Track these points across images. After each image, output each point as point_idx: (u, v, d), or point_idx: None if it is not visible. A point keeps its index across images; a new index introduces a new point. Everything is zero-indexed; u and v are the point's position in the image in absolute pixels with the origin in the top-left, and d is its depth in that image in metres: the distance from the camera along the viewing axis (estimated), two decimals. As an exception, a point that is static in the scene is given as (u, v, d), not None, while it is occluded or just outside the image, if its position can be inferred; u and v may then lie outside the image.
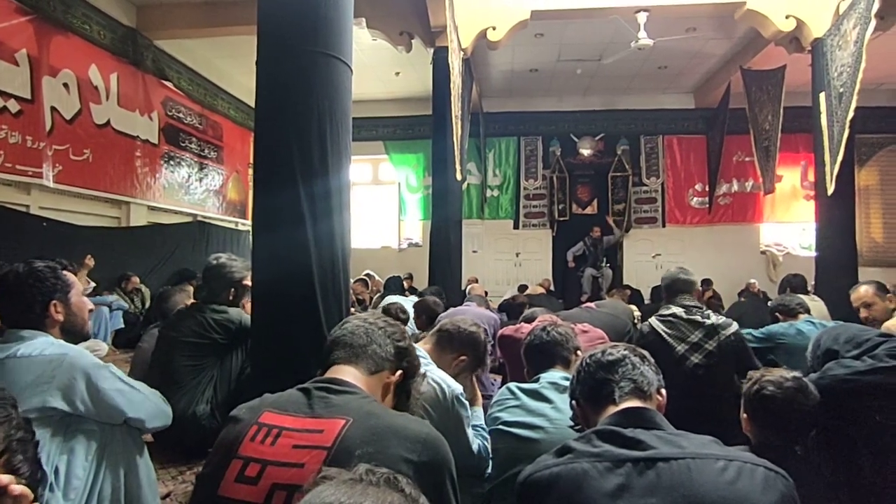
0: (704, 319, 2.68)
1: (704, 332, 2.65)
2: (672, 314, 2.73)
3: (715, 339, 2.64)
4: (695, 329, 2.66)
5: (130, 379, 1.59)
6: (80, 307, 1.63)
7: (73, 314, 1.60)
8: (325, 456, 0.95)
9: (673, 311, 2.74)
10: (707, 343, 2.64)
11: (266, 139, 2.02)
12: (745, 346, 2.78)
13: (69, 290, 1.59)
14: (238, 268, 2.65)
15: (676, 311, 2.74)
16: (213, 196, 8.52)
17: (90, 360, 1.50)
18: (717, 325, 2.67)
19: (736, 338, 2.69)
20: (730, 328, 2.67)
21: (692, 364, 2.63)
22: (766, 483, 0.98)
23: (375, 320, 1.30)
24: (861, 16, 4.74)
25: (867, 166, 9.16)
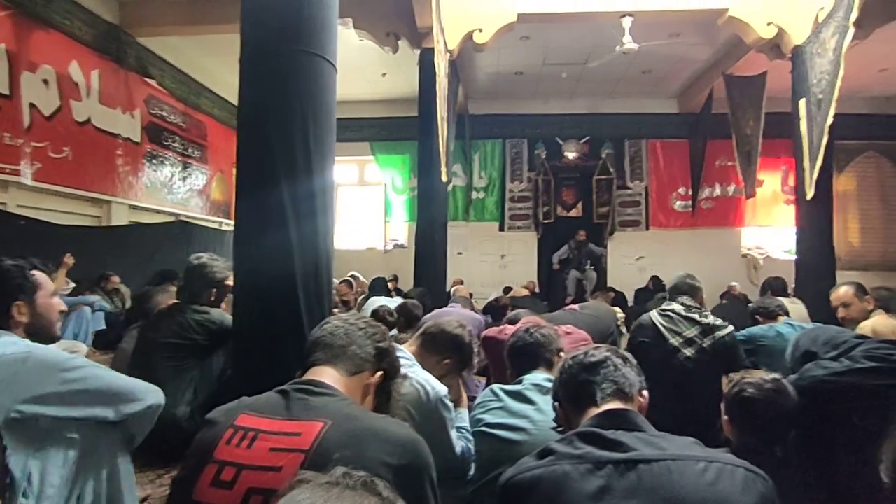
0: (702, 318, 2.77)
1: (700, 330, 2.73)
2: (672, 310, 2.83)
3: (710, 338, 2.71)
4: (691, 326, 2.75)
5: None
6: (48, 309, 1.55)
7: (39, 316, 1.52)
8: (303, 459, 0.93)
9: (673, 307, 2.84)
10: (701, 340, 2.72)
11: (249, 139, 2.00)
12: (737, 348, 2.86)
13: (36, 290, 1.53)
14: (220, 268, 2.62)
15: (676, 308, 2.83)
16: (196, 196, 8.42)
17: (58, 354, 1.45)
18: (714, 324, 2.75)
19: (730, 339, 2.77)
20: (726, 329, 2.75)
21: (683, 357, 2.69)
22: (745, 484, 0.99)
23: (356, 321, 1.28)
24: (839, 24, 4.83)
25: (845, 172, 9.33)
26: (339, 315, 1.36)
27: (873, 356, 1.84)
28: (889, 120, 9.28)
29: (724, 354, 2.72)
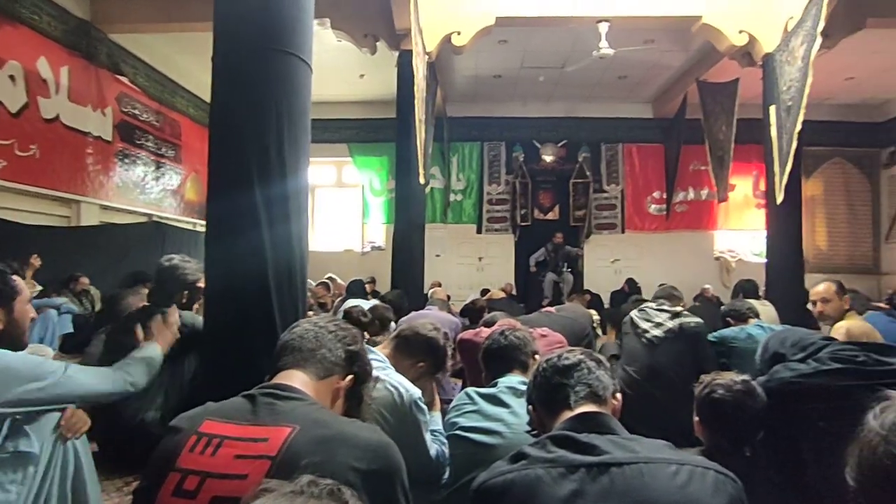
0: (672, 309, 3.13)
1: (669, 316, 3.09)
2: (647, 305, 3.24)
3: (677, 322, 3.05)
4: (662, 314, 3.11)
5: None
6: (23, 316, 1.52)
7: (14, 323, 1.49)
8: (270, 466, 0.91)
9: (648, 304, 3.26)
10: (669, 322, 3.06)
11: (221, 138, 1.97)
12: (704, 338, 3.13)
13: (15, 297, 1.49)
14: (192, 270, 2.57)
15: (651, 304, 3.24)
16: (170, 196, 8.27)
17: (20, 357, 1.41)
18: (682, 313, 3.11)
19: (697, 326, 3.09)
20: (693, 318, 3.11)
21: (652, 336, 3.06)
22: (716, 486, 1.00)
23: (326, 324, 1.25)
24: (808, 33, 4.95)
25: (813, 177, 9.58)
26: (310, 318, 1.34)
27: (839, 357, 1.88)
28: (855, 127, 9.56)
29: (691, 338, 3.03)
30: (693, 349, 3.02)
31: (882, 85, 8.54)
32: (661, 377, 2.98)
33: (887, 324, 3.53)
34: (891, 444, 0.55)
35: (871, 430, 0.58)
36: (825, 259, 9.59)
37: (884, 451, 0.56)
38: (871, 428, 0.59)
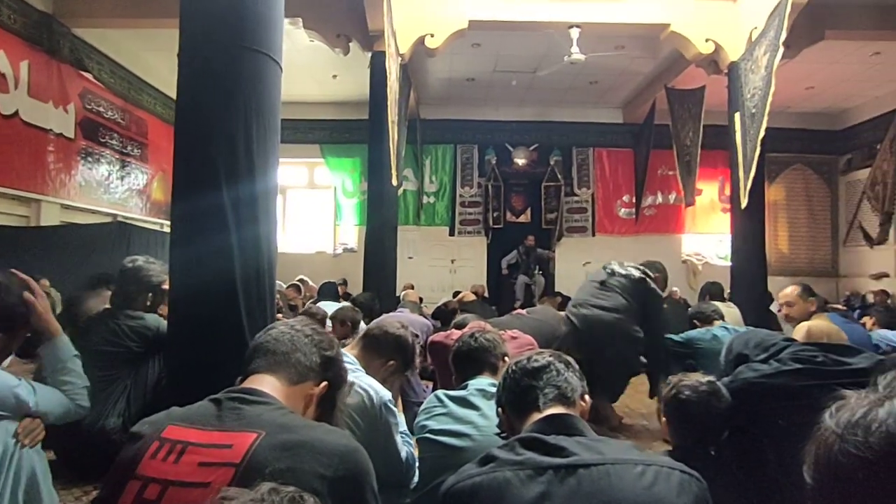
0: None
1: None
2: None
3: (628, 277, 3.69)
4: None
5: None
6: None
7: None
8: (234, 473, 0.88)
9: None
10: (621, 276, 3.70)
11: (187, 137, 1.92)
12: (656, 296, 3.40)
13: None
14: (156, 271, 2.51)
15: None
16: (135, 196, 8.05)
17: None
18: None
19: (647, 281, 3.57)
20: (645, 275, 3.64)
21: (602, 280, 3.78)
22: (681, 486, 1.02)
23: (302, 327, 1.22)
24: (771, 43, 5.11)
25: (775, 183, 9.85)
26: (286, 320, 1.30)
27: (799, 358, 1.93)
28: (815, 135, 9.88)
29: (640, 292, 3.62)
30: (643, 301, 3.59)
31: (840, 95, 8.85)
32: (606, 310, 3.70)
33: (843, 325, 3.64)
34: (846, 442, 0.56)
35: (828, 428, 0.59)
36: (787, 262, 9.88)
37: (839, 448, 0.56)
38: (827, 427, 0.59)
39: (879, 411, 0.56)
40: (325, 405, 1.19)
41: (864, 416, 0.56)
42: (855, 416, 0.57)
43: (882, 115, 8.71)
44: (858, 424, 0.56)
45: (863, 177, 9.10)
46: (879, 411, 0.56)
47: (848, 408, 0.59)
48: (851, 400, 0.60)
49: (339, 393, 1.23)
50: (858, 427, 0.56)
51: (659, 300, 3.89)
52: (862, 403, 0.58)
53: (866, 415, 0.56)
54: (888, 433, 0.54)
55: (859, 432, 0.56)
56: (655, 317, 3.80)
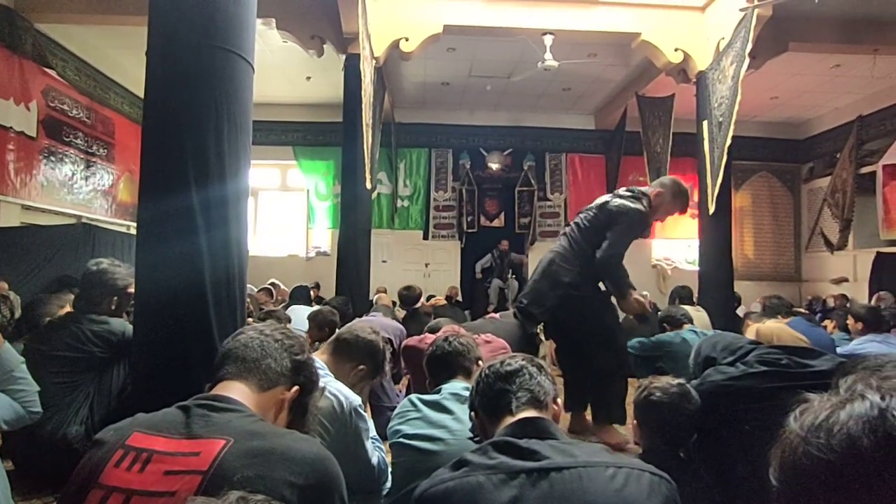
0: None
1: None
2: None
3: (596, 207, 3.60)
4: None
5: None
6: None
7: None
8: (200, 482, 0.86)
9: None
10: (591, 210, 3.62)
11: (155, 137, 1.88)
12: (622, 213, 3.48)
13: None
14: (122, 275, 2.44)
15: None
16: (101, 197, 7.83)
17: None
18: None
19: (608, 203, 3.55)
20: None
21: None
22: (651, 488, 1.03)
23: (272, 332, 1.20)
24: (737, 54, 5.25)
25: (741, 190, 10.11)
26: (255, 325, 1.28)
27: (765, 361, 1.98)
28: (779, 143, 10.18)
29: (596, 216, 3.54)
30: (608, 222, 3.50)
31: (803, 105, 9.15)
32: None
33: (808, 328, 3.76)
34: (809, 444, 0.57)
35: (792, 431, 0.60)
36: (753, 267, 10.13)
37: (803, 451, 0.58)
38: (791, 429, 0.60)
39: (841, 414, 0.57)
40: (296, 410, 1.17)
41: (826, 419, 0.58)
42: (818, 419, 0.58)
43: (841, 125, 9.02)
44: (821, 427, 0.57)
45: (824, 185, 9.40)
46: (841, 414, 0.57)
47: (811, 411, 0.60)
48: (815, 403, 0.61)
49: (310, 397, 1.21)
50: (821, 430, 0.57)
51: (624, 217, 3.40)
52: (824, 406, 0.59)
53: (828, 417, 0.57)
54: (849, 435, 0.55)
55: (822, 435, 0.57)
56: (612, 234, 3.43)
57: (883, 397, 0.56)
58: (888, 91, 7.97)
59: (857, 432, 0.54)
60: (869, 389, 0.58)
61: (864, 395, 0.57)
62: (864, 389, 0.58)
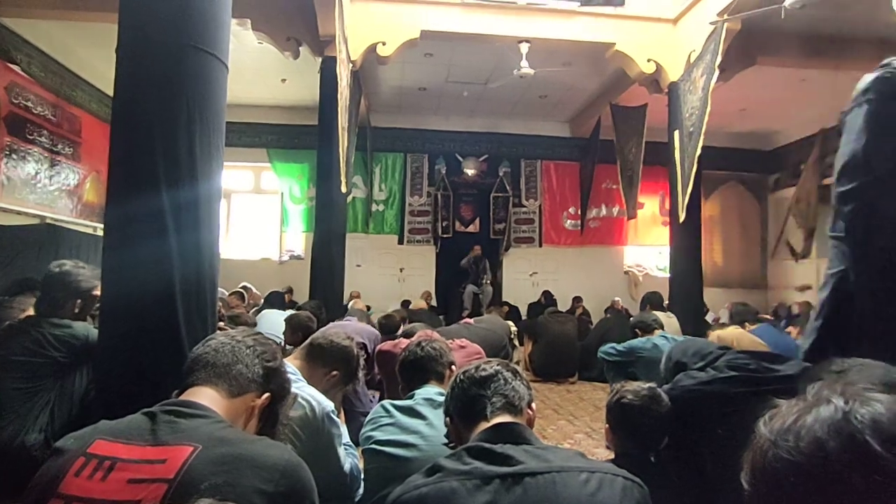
0: None
1: None
2: None
3: None
4: None
5: None
6: None
7: None
8: (166, 490, 0.83)
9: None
10: None
11: (124, 137, 1.82)
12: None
13: None
14: (86, 277, 2.37)
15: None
16: (66, 197, 7.61)
17: None
18: None
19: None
20: None
21: None
22: (624, 493, 1.04)
23: (244, 338, 1.18)
24: (707, 66, 5.38)
25: (711, 199, 10.34)
26: (227, 331, 1.26)
27: (734, 366, 2.02)
28: (747, 154, 10.45)
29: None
30: None
31: (770, 117, 9.41)
32: None
33: (774, 334, 3.86)
34: (778, 448, 0.59)
35: (762, 436, 0.62)
36: (721, 274, 10.36)
37: (773, 455, 0.59)
38: (761, 434, 0.62)
39: (808, 418, 0.59)
40: (266, 418, 1.15)
41: (794, 423, 0.59)
42: (786, 423, 0.60)
43: (806, 137, 9.31)
44: (789, 431, 0.59)
45: (789, 194, 9.67)
46: (808, 418, 0.59)
47: (780, 416, 0.62)
48: (783, 408, 0.63)
49: (281, 405, 1.19)
50: (789, 433, 0.59)
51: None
52: (792, 411, 0.61)
53: (796, 422, 0.59)
54: (816, 438, 0.56)
55: (790, 438, 0.58)
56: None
57: (847, 401, 0.58)
58: (850, 105, 8.25)
59: (823, 435, 0.56)
60: (834, 394, 0.60)
61: (829, 399, 0.59)
62: (830, 394, 0.60)
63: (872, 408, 0.56)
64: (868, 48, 6.40)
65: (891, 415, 0.56)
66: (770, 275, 10.52)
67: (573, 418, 4.74)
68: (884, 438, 0.54)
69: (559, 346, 6.41)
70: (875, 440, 0.54)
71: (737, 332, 2.98)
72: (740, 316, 4.26)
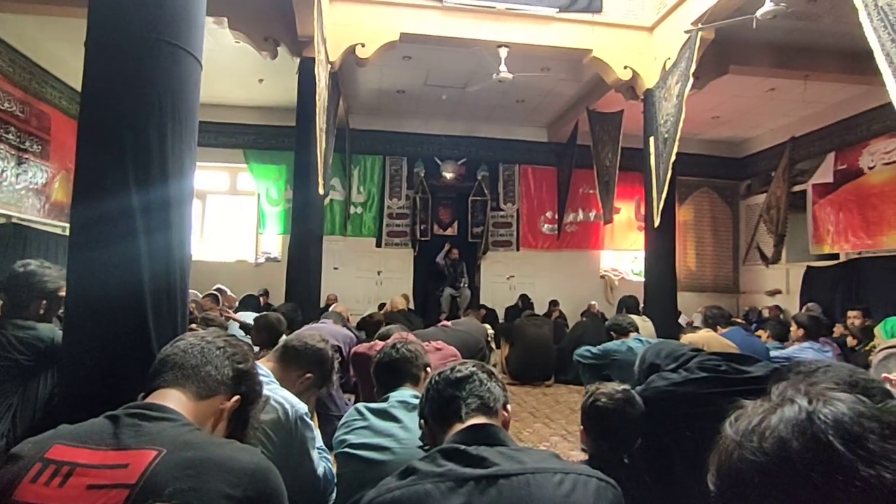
0: None
1: None
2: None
3: None
4: None
5: None
6: None
7: None
8: (127, 496, 0.81)
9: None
10: None
11: (92, 134, 1.77)
12: None
13: None
14: (52, 277, 2.30)
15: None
16: (33, 195, 7.40)
17: None
18: None
19: None
20: None
21: None
22: (597, 494, 1.05)
23: (214, 339, 1.15)
24: (682, 74, 5.48)
25: (685, 204, 10.52)
26: (197, 332, 1.23)
27: (705, 367, 2.05)
28: (719, 161, 10.66)
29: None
30: None
31: (742, 125, 9.63)
32: None
33: (745, 337, 3.93)
34: (744, 448, 0.59)
35: (727, 436, 0.63)
36: (694, 279, 10.54)
37: (738, 455, 0.60)
38: (727, 435, 0.63)
39: (772, 419, 0.59)
40: (236, 421, 1.12)
41: (759, 424, 0.60)
42: (751, 423, 0.61)
43: (776, 145, 9.54)
44: (754, 431, 0.60)
45: (760, 201, 9.89)
46: (772, 419, 0.59)
47: (745, 417, 0.63)
48: (748, 409, 0.64)
49: (252, 408, 1.16)
50: (754, 434, 0.60)
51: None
52: (758, 412, 0.62)
53: (761, 422, 0.60)
54: (780, 438, 0.57)
55: (755, 438, 0.59)
56: None
57: (810, 402, 0.59)
58: (817, 115, 8.50)
59: (787, 435, 0.57)
60: (798, 395, 0.61)
61: (793, 400, 0.60)
62: (794, 395, 0.61)
63: (835, 408, 0.57)
64: (835, 59, 6.60)
65: (853, 415, 0.56)
66: (741, 279, 10.73)
67: (549, 421, 4.77)
68: (846, 438, 0.54)
69: (536, 349, 6.45)
70: (837, 440, 0.54)
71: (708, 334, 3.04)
72: (713, 319, 4.34)
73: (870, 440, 0.54)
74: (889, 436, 0.55)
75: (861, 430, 0.55)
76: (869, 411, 0.57)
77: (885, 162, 7.45)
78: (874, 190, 7.58)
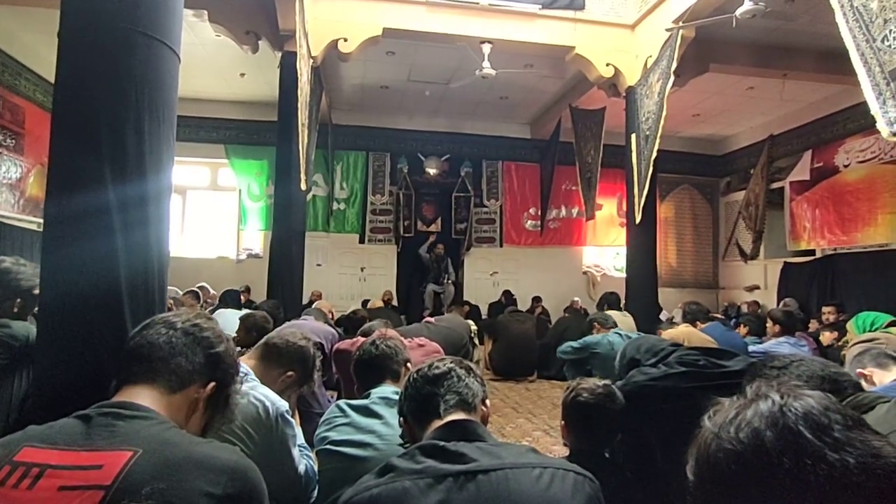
0: None
1: None
2: None
3: None
4: None
5: None
6: None
7: None
8: (102, 497, 0.79)
9: None
10: None
11: (66, 127, 1.73)
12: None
13: None
14: (27, 275, 2.25)
15: None
16: (7, 191, 7.23)
17: None
18: None
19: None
20: None
21: None
22: (575, 487, 1.06)
23: (183, 324, 1.10)
24: (663, 71, 5.53)
25: (666, 201, 10.64)
26: (165, 316, 1.15)
27: (684, 362, 2.08)
28: (699, 158, 10.80)
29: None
30: None
31: (721, 123, 9.75)
32: None
33: (724, 332, 4.00)
34: (721, 439, 0.63)
35: (706, 429, 0.67)
36: (675, 275, 10.67)
37: (716, 446, 0.63)
38: (705, 428, 0.67)
39: (747, 412, 0.64)
40: (214, 406, 1.09)
41: (735, 417, 0.64)
42: (728, 417, 0.65)
43: (755, 143, 9.69)
44: (731, 423, 0.64)
45: (739, 198, 10.04)
46: (747, 412, 0.64)
47: (722, 411, 0.67)
48: (726, 404, 0.68)
49: (229, 388, 1.13)
50: (731, 426, 0.64)
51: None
52: (734, 406, 0.66)
53: (737, 415, 0.64)
54: (754, 428, 0.62)
55: (731, 430, 0.63)
56: None
57: (782, 396, 0.64)
58: (795, 113, 8.64)
59: (761, 426, 0.62)
60: (771, 391, 0.66)
61: (767, 395, 0.65)
62: (767, 391, 0.66)
63: (805, 402, 0.63)
64: (812, 58, 6.71)
65: (821, 408, 0.62)
66: (721, 275, 10.89)
67: (532, 416, 4.80)
68: (814, 428, 0.60)
69: (519, 345, 6.48)
70: (807, 429, 0.60)
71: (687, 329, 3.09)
72: (693, 315, 4.39)
73: (835, 430, 0.60)
74: (852, 426, 0.60)
75: (828, 421, 0.60)
76: (834, 406, 0.63)
77: (860, 160, 7.61)
78: (849, 187, 7.74)
